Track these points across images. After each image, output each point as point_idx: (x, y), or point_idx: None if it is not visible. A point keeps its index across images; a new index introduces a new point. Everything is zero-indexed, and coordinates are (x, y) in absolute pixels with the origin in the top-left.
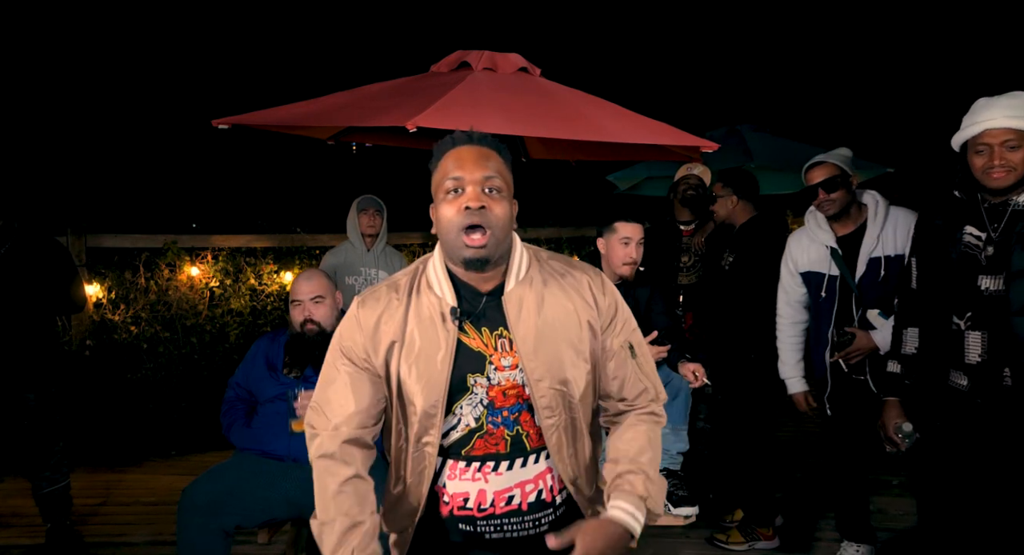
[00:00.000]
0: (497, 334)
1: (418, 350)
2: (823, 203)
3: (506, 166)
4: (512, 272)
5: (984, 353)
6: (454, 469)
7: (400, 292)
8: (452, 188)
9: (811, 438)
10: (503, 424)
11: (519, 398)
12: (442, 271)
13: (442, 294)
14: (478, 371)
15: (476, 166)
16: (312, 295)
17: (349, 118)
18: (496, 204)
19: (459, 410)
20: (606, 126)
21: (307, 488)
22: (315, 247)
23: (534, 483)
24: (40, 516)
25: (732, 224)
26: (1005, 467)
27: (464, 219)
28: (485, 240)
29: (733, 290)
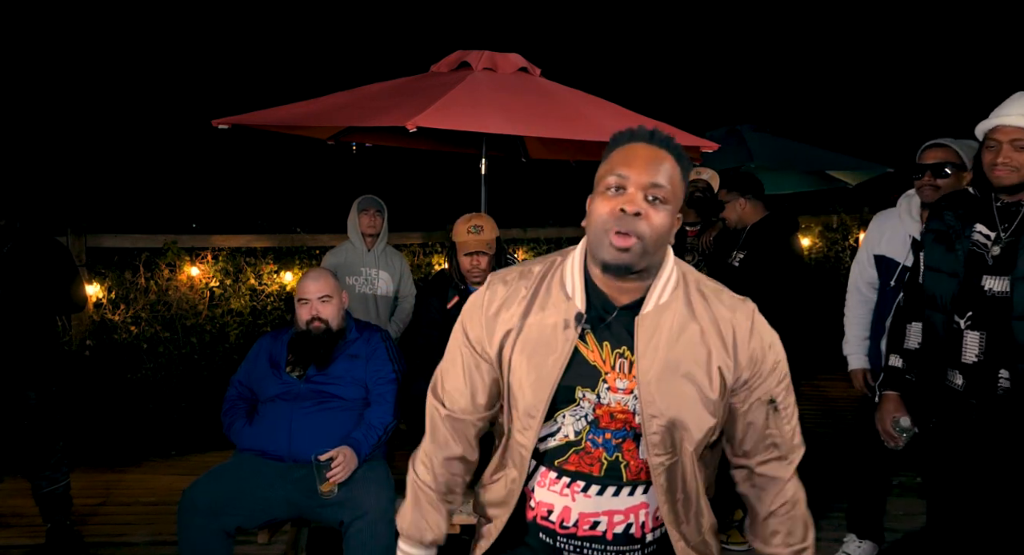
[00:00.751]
0: (619, 352)
1: (534, 346)
2: (924, 187)
3: (681, 175)
4: (655, 292)
5: (981, 353)
6: (544, 477)
7: (531, 282)
8: (614, 185)
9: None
10: (603, 446)
11: (627, 425)
12: (579, 270)
13: (572, 296)
14: (589, 386)
15: (646, 168)
16: (320, 294)
17: (349, 118)
18: (656, 213)
19: (561, 419)
20: (606, 126)
21: (307, 489)
22: (315, 247)
23: (624, 515)
24: (40, 516)
25: (744, 226)
26: (998, 467)
27: (615, 223)
28: (631, 243)
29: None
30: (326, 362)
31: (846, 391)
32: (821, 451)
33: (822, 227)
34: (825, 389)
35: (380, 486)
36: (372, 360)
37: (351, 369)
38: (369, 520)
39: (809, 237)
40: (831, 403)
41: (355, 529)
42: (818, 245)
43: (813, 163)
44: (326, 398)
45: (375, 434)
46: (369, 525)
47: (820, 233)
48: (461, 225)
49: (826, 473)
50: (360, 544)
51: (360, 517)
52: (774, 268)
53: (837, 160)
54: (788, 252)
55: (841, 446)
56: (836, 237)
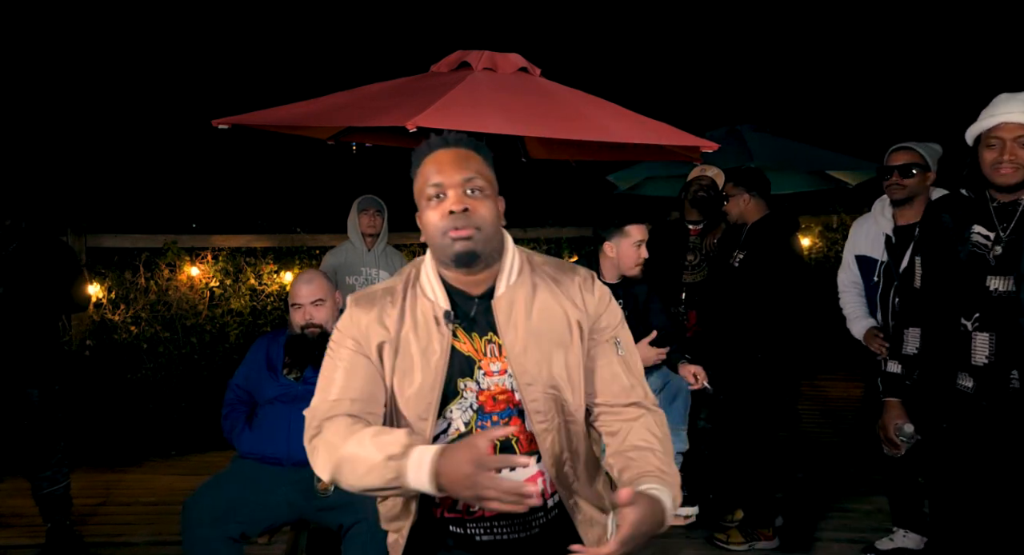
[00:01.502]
0: (487, 339)
1: (413, 354)
2: (893, 186)
3: (487, 164)
4: (503, 275)
5: (991, 355)
6: None
7: (395, 295)
8: (434, 194)
9: (811, 438)
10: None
11: (509, 403)
12: (434, 275)
13: (435, 297)
14: (468, 375)
15: (455, 169)
16: (312, 298)
17: (349, 118)
18: (479, 204)
19: (449, 414)
20: (606, 126)
21: (307, 491)
22: (315, 247)
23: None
24: (40, 516)
25: (744, 223)
26: (1011, 470)
27: (448, 223)
28: (471, 233)
29: (742, 288)
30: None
31: (846, 391)
32: (821, 451)
33: (822, 227)
34: (825, 389)
35: None
36: None
37: None
38: (368, 525)
39: (809, 237)
40: (831, 403)
41: (354, 533)
42: (818, 245)
43: (813, 163)
44: None
45: None
46: (368, 529)
47: (820, 233)
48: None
49: (826, 473)
50: (358, 548)
51: (359, 522)
52: (773, 269)
53: (837, 160)
54: (788, 252)
55: (841, 446)
56: (836, 237)
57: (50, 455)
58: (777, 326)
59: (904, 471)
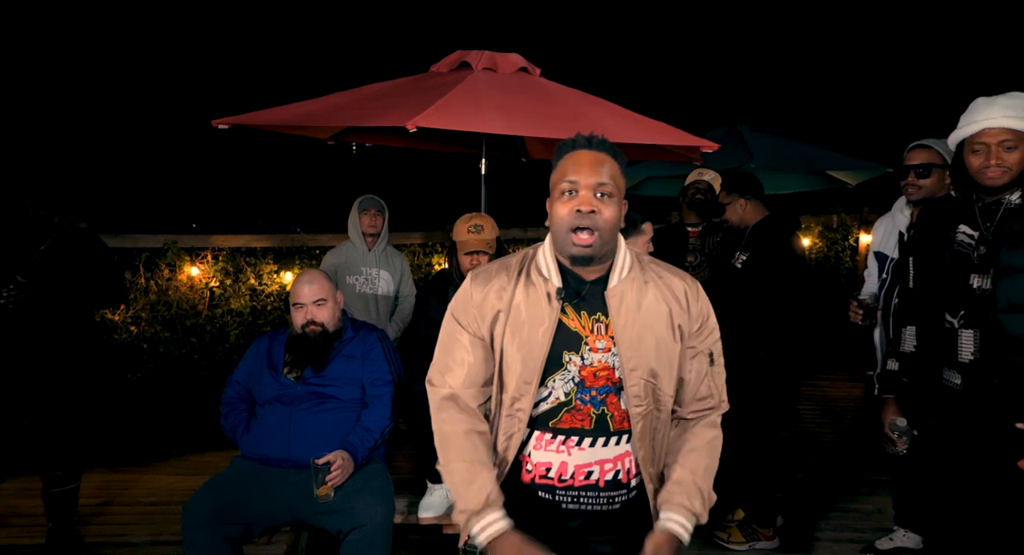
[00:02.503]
0: (595, 319)
1: (522, 321)
2: (909, 186)
3: (620, 171)
4: (616, 270)
5: (976, 351)
6: (540, 439)
7: (510, 271)
8: (567, 189)
9: (811, 438)
10: (591, 402)
11: (608, 381)
12: (551, 257)
13: (549, 276)
14: (573, 350)
15: (591, 171)
16: (315, 298)
17: (349, 118)
18: (606, 208)
19: (551, 383)
20: (606, 126)
21: (306, 493)
22: (315, 247)
23: (613, 463)
24: (44, 515)
25: (746, 227)
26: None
27: (575, 221)
28: (592, 240)
29: (745, 288)
30: (322, 363)
31: (846, 391)
32: (821, 451)
33: (822, 227)
34: (825, 389)
35: (380, 497)
36: (368, 360)
37: (348, 369)
38: (367, 531)
39: (809, 237)
40: (831, 403)
41: (352, 539)
42: (818, 245)
43: (813, 163)
44: (323, 400)
45: (371, 438)
46: (366, 536)
47: (820, 233)
48: (461, 224)
49: (826, 473)
50: (356, 554)
51: (358, 528)
52: (776, 269)
53: (837, 160)
54: (789, 253)
55: (841, 446)
56: (836, 237)
57: (66, 455)
58: (780, 326)
59: (912, 470)
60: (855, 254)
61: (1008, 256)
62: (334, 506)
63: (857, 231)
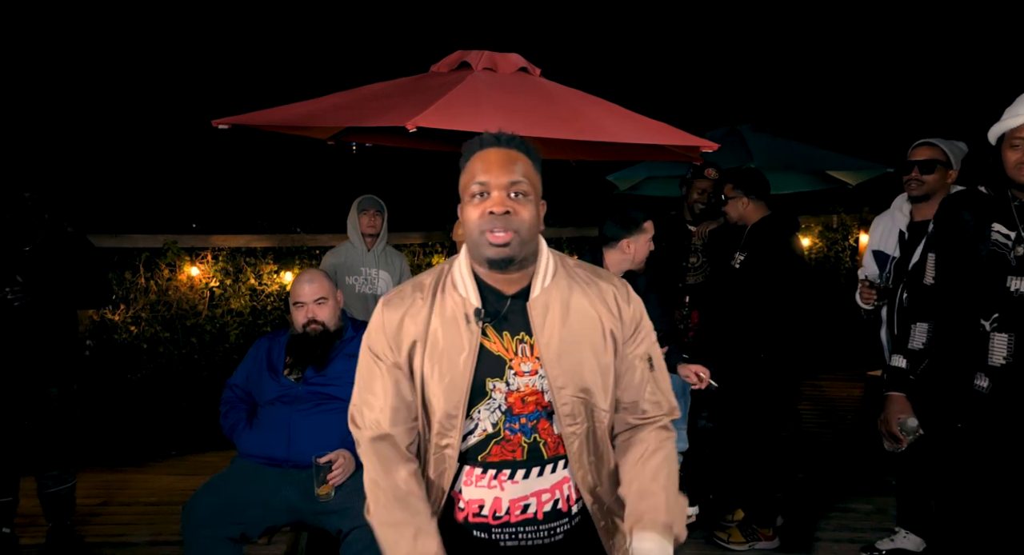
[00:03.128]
0: (518, 339)
1: (441, 350)
2: (912, 181)
3: (534, 168)
4: (539, 277)
5: (1010, 356)
6: (470, 475)
7: (425, 292)
8: (478, 192)
9: (811, 438)
10: (520, 431)
11: (538, 405)
12: (467, 271)
13: (466, 294)
14: (497, 376)
15: (502, 170)
16: (315, 296)
17: (349, 118)
18: (521, 207)
19: (477, 415)
20: (606, 126)
21: (306, 493)
22: (315, 247)
23: (551, 492)
24: (43, 515)
25: (744, 225)
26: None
27: (487, 223)
28: (509, 238)
29: (744, 288)
30: (323, 363)
31: (846, 391)
32: (821, 451)
33: (822, 227)
34: (825, 389)
35: None
36: None
37: (349, 368)
38: (367, 531)
39: (809, 237)
40: (831, 403)
41: (352, 539)
42: (818, 245)
43: (813, 163)
44: (324, 400)
45: None
46: (367, 535)
47: (820, 233)
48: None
49: (826, 473)
50: (357, 554)
51: (359, 527)
52: (774, 270)
53: (837, 160)
54: (788, 253)
55: (841, 446)
56: (836, 237)
57: (61, 454)
58: (779, 326)
59: (917, 472)
60: (855, 254)
61: None
62: (334, 506)
63: (857, 231)
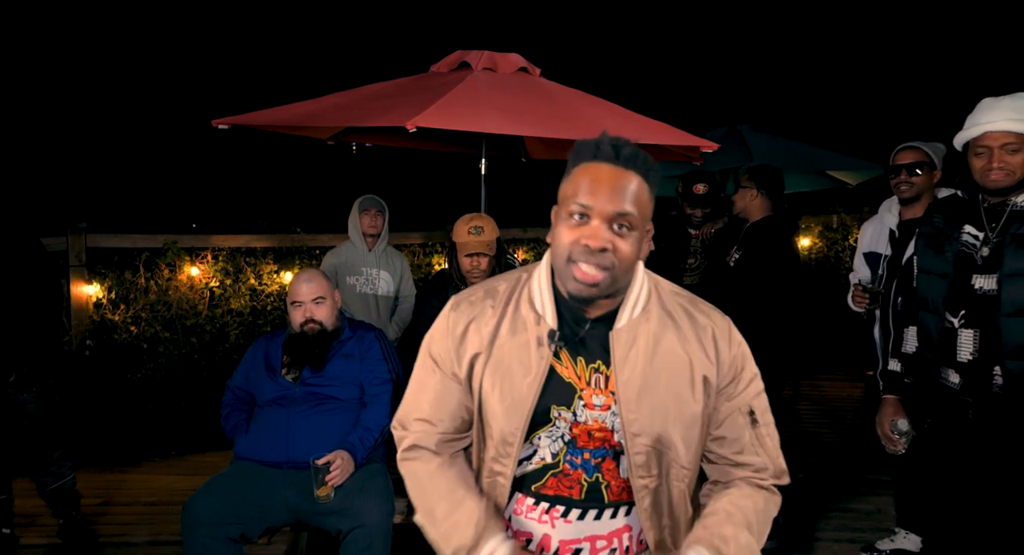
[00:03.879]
0: (594, 367)
1: (506, 368)
2: (901, 183)
3: (648, 193)
4: (628, 305)
5: (975, 351)
6: (521, 504)
7: (497, 300)
8: (577, 212)
9: (811, 438)
10: (582, 467)
11: (605, 443)
12: (547, 287)
13: (543, 313)
14: (564, 404)
15: (612, 196)
16: (313, 296)
17: (349, 118)
18: (623, 243)
19: (537, 441)
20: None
21: (306, 494)
22: (315, 247)
23: (607, 540)
24: (52, 513)
25: (745, 220)
26: (995, 465)
27: (579, 255)
28: (600, 278)
29: (737, 286)
30: (321, 362)
31: (846, 391)
32: (821, 451)
33: (822, 227)
34: (825, 389)
35: (379, 497)
36: (366, 359)
37: (346, 368)
38: (367, 531)
39: (809, 237)
40: (831, 403)
41: (352, 539)
42: (818, 245)
43: (813, 163)
44: (322, 400)
45: (371, 437)
46: (366, 536)
47: (820, 233)
48: (462, 226)
49: (826, 473)
50: (356, 554)
51: (358, 528)
52: (767, 270)
53: (837, 160)
54: (783, 254)
55: (841, 446)
56: (836, 237)
57: (50, 456)
58: (769, 326)
59: (913, 471)
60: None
61: (1015, 259)
62: (334, 506)
63: (857, 231)
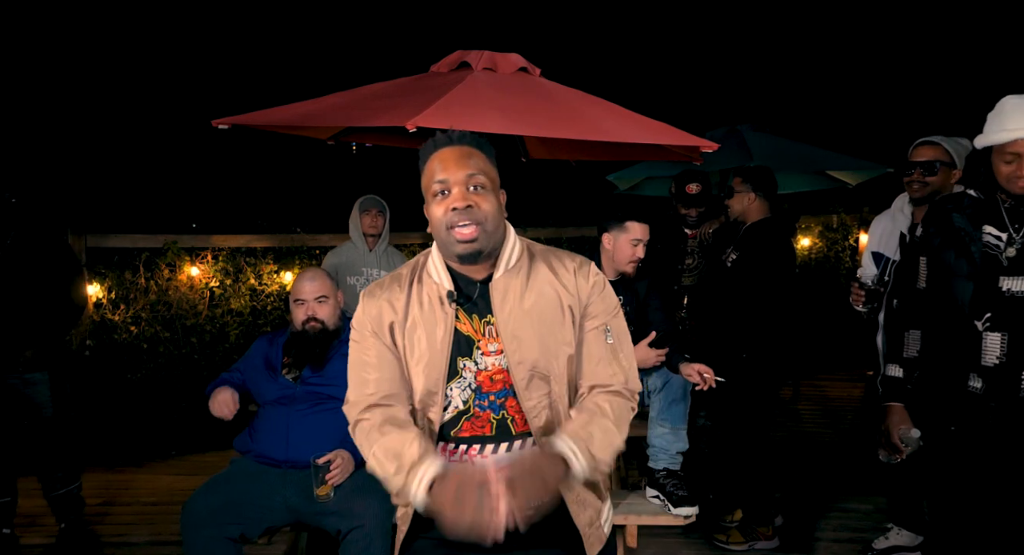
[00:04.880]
0: (485, 321)
1: (419, 330)
2: (914, 182)
3: (489, 161)
4: (502, 261)
5: (1003, 355)
6: (443, 450)
7: (402, 281)
8: (439, 190)
9: (811, 438)
10: (490, 408)
11: (505, 383)
12: (440, 261)
13: (440, 280)
14: (467, 355)
15: (459, 166)
16: (316, 294)
17: (349, 118)
18: (482, 200)
19: (449, 392)
20: (606, 126)
21: (305, 493)
22: (315, 247)
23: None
24: (54, 517)
25: (743, 221)
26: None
27: (452, 218)
28: (475, 233)
29: (732, 287)
30: (321, 362)
31: (846, 391)
32: (821, 451)
33: (822, 227)
34: (825, 389)
35: (379, 497)
36: None
37: (346, 368)
38: (366, 531)
39: (809, 237)
40: (831, 403)
41: (352, 539)
42: (818, 245)
43: (813, 163)
44: (322, 400)
45: None
46: (366, 536)
47: (820, 233)
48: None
49: (826, 473)
50: (356, 554)
51: (357, 527)
52: (764, 271)
53: (837, 160)
54: (780, 256)
55: (841, 446)
56: (836, 237)
57: (64, 455)
58: (763, 327)
59: (902, 471)
60: (855, 254)
61: None
62: (334, 506)
63: (857, 231)
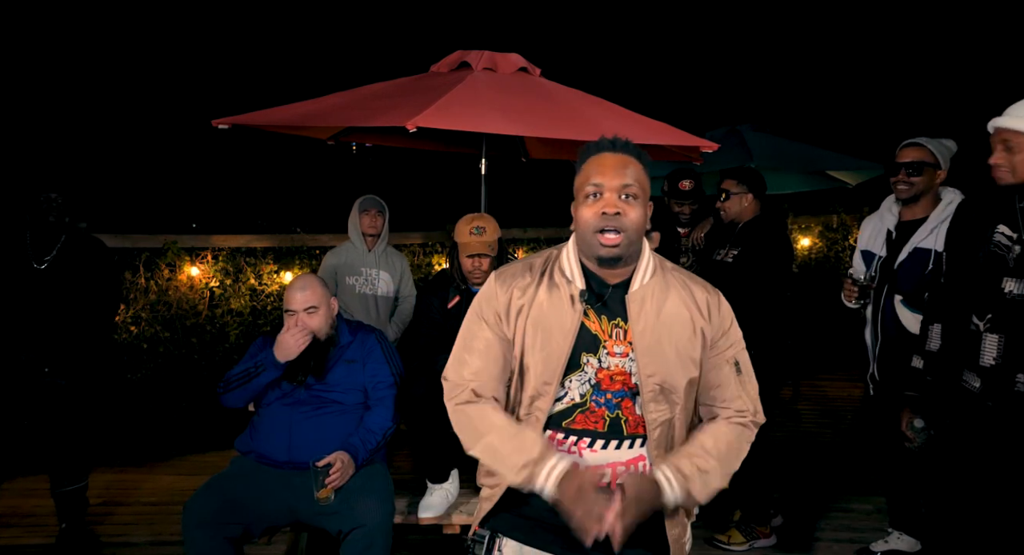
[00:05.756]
0: (614, 323)
1: (545, 321)
2: (900, 183)
3: (644, 172)
4: (639, 273)
5: (999, 356)
6: (552, 439)
7: (534, 271)
8: (592, 192)
9: (811, 438)
10: (605, 405)
11: (624, 385)
12: (575, 259)
13: (573, 279)
14: (591, 352)
15: (615, 174)
16: (306, 305)
17: (349, 118)
18: (631, 209)
19: (568, 384)
20: (606, 126)
21: (306, 494)
22: (315, 247)
23: (626, 466)
24: (52, 515)
25: (737, 222)
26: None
27: (600, 223)
28: (619, 240)
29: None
30: (321, 372)
31: (846, 391)
32: (821, 451)
33: (822, 227)
34: (825, 389)
35: (380, 498)
36: (369, 363)
37: (349, 374)
38: (366, 531)
39: (809, 237)
40: (831, 403)
41: (352, 539)
42: (818, 245)
43: (813, 163)
44: (325, 403)
45: (373, 439)
46: (366, 536)
47: (820, 233)
48: (463, 226)
49: (826, 473)
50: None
51: (358, 528)
52: (769, 263)
53: (837, 160)
54: (783, 249)
55: (841, 446)
56: (836, 237)
57: (77, 451)
58: (764, 325)
59: (903, 472)
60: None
61: None
62: (334, 506)
63: (857, 231)
